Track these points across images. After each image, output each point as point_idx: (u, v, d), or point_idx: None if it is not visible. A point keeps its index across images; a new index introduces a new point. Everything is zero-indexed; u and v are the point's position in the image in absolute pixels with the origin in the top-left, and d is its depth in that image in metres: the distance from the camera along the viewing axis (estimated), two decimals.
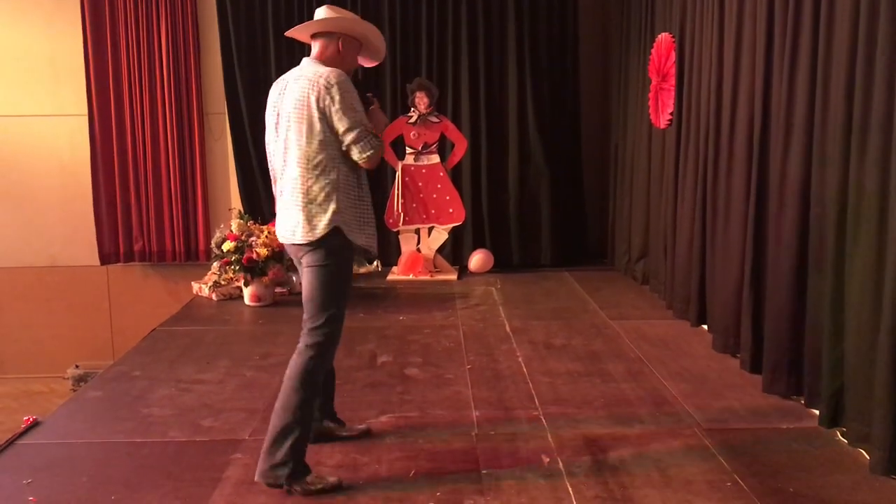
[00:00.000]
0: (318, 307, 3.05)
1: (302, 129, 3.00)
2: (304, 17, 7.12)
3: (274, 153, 3.15)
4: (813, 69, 3.57)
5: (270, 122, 3.15)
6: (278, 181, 3.13)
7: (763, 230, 4.06)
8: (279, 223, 3.14)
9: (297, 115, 3.01)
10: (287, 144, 3.05)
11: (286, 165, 3.06)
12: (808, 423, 3.57)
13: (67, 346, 7.44)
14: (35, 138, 7.39)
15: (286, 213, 3.08)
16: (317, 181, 3.01)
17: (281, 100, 3.10)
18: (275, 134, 3.12)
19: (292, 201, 3.04)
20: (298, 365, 3.03)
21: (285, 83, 3.15)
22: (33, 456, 3.38)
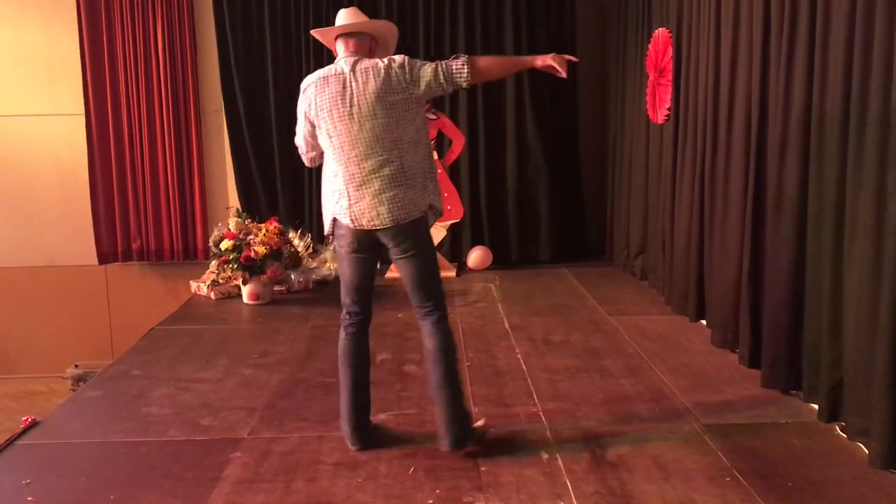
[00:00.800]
0: (433, 285, 3.31)
1: (391, 116, 3.16)
2: (301, 14, 7.14)
3: (341, 146, 3.20)
4: (810, 64, 3.56)
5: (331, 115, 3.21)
6: (352, 171, 3.19)
7: (761, 225, 4.06)
8: (365, 211, 3.19)
9: (382, 104, 3.16)
10: (373, 133, 3.16)
11: (371, 154, 3.17)
12: (807, 418, 3.57)
13: (66, 345, 7.44)
14: (32, 138, 7.38)
15: (377, 199, 3.17)
16: (416, 160, 3.22)
17: (346, 93, 3.19)
18: (346, 124, 3.18)
19: (387, 186, 3.16)
20: (443, 339, 3.28)
21: (342, 77, 3.22)
22: (32, 456, 3.38)
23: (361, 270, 3.35)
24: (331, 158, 3.28)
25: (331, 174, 3.29)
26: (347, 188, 3.21)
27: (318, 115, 3.26)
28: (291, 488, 3.02)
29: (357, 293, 3.38)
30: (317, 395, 4.02)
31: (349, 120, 3.18)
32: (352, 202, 3.20)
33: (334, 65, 3.31)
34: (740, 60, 4.29)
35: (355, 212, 3.20)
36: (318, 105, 3.25)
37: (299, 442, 3.43)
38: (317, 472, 3.15)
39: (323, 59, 7.13)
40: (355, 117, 3.18)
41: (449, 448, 3.22)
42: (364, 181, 3.18)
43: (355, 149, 3.18)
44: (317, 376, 4.29)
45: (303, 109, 3.34)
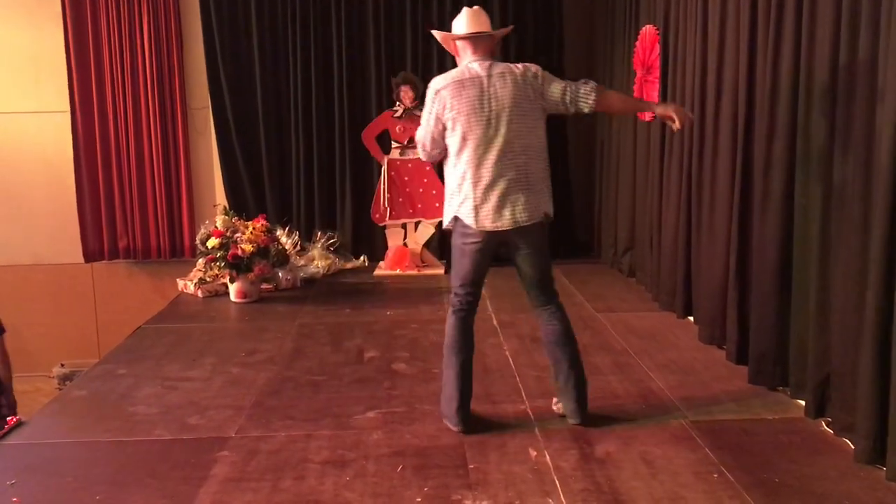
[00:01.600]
0: (551, 274, 3.59)
1: (524, 122, 3.33)
2: (288, 11, 7.10)
3: (475, 148, 3.31)
4: (796, 61, 3.57)
5: (468, 118, 3.31)
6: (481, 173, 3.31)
7: (748, 222, 4.07)
8: (490, 213, 3.32)
9: (518, 111, 3.32)
10: (507, 138, 3.30)
11: (502, 158, 3.30)
12: (793, 414, 3.59)
13: (52, 344, 7.39)
14: (17, 135, 7.32)
15: (512, 198, 3.31)
16: (540, 167, 3.41)
17: (483, 97, 3.31)
18: (483, 128, 3.30)
19: (520, 187, 3.32)
20: (566, 325, 3.54)
21: (481, 80, 3.34)
22: (17, 457, 3.35)
23: (481, 266, 3.50)
24: (461, 160, 3.36)
25: (458, 175, 3.37)
26: (475, 190, 3.33)
27: (455, 118, 3.33)
28: (279, 487, 3.01)
29: (473, 285, 3.52)
30: (305, 393, 4.00)
31: (486, 124, 3.30)
32: (477, 204, 3.32)
33: (465, 67, 3.41)
34: (727, 57, 4.30)
35: (481, 214, 3.33)
36: (453, 107, 3.32)
37: (287, 440, 3.42)
38: (304, 470, 3.14)
39: (311, 56, 7.12)
40: (492, 122, 3.30)
41: (579, 422, 3.46)
42: (492, 184, 3.31)
43: (489, 152, 3.30)
44: (304, 374, 4.28)
45: (435, 111, 3.37)
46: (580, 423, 3.47)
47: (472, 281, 3.50)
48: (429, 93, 3.41)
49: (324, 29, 7.15)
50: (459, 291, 3.52)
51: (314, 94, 7.18)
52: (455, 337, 3.50)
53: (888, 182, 2.88)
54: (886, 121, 2.88)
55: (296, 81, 7.18)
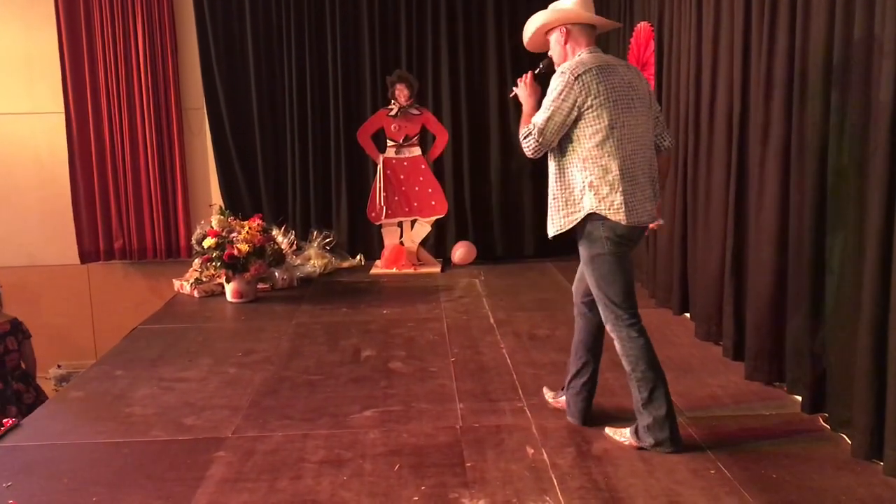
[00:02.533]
0: None
1: (650, 115, 3.24)
2: (283, 11, 7.09)
3: (621, 139, 3.10)
4: (791, 56, 3.58)
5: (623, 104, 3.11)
6: (631, 165, 3.12)
7: (744, 218, 4.07)
8: (645, 203, 3.17)
9: (647, 102, 3.21)
10: (646, 130, 3.20)
11: (641, 148, 3.17)
12: (790, 410, 3.59)
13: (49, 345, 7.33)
14: (11, 137, 7.30)
15: (649, 192, 3.20)
16: (655, 168, 3.26)
17: (630, 86, 3.15)
18: (626, 116, 3.12)
19: (653, 181, 3.22)
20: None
21: (616, 68, 3.16)
22: (13, 458, 3.34)
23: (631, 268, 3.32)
24: (603, 151, 3.09)
25: (599, 168, 3.10)
26: (623, 184, 3.09)
27: (602, 104, 3.06)
28: (276, 487, 3.00)
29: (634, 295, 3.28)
30: (301, 393, 4.00)
31: (629, 113, 3.12)
32: (627, 199, 3.08)
33: (595, 56, 3.17)
34: (721, 53, 4.30)
35: (630, 207, 3.10)
36: (600, 93, 3.06)
37: (284, 440, 3.42)
38: (301, 470, 3.13)
39: (305, 55, 7.11)
40: (633, 112, 3.13)
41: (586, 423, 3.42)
42: (638, 177, 3.13)
43: (633, 142, 3.13)
44: (301, 374, 4.27)
45: (574, 96, 3.06)
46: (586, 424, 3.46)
47: (631, 291, 3.24)
48: (562, 78, 3.09)
49: (318, 27, 7.14)
50: (624, 306, 3.20)
51: (309, 92, 7.17)
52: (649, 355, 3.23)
53: (883, 178, 2.88)
54: (881, 117, 2.88)
55: (290, 80, 7.17)
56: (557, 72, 3.16)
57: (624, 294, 3.20)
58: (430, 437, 3.41)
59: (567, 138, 3.15)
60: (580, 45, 3.21)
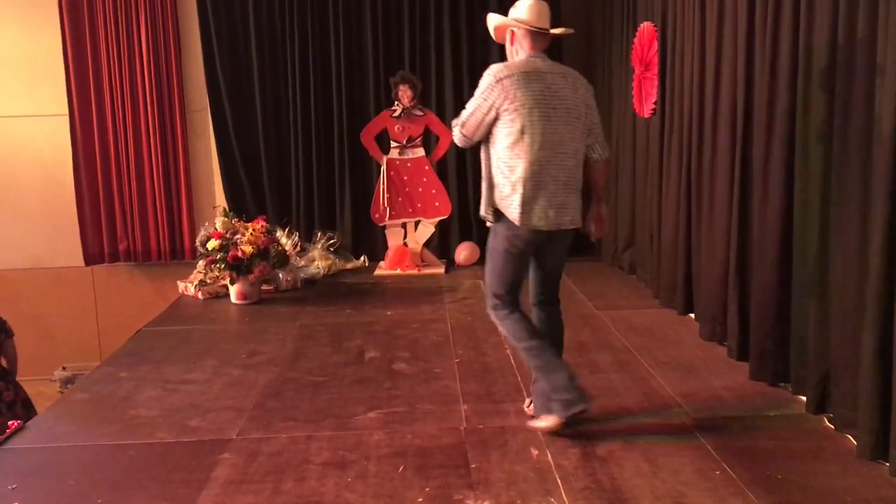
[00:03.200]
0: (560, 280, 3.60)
1: (578, 125, 3.31)
2: (286, 12, 7.09)
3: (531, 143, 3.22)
4: (795, 56, 3.57)
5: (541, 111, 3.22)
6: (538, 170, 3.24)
7: (748, 218, 4.07)
8: (549, 210, 3.27)
9: (576, 112, 3.30)
10: (563, 137, 3.26)
11: (556, 156, 3.26)
12: (795, 410, 3.58)
13: (54, 347, 7.39)
14: (15, 139, 7.31)
15: (562, 200, 3.30)
16: (580, 174, 3.38)
17: (550, 92, 3.24)
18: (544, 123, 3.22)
19: (567, 189, 3.31)
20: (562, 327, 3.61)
21: (545, 76, 3.26)
22: (19, 460, 3.35)
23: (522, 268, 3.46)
24: (514, 153, 3.24)
25: (507, 168, 3.26)
26: (524, 186, 3.23)
27: (518, 109, 3.20)
28: (280, 489, 3.00)
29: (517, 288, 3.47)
30: (305, 394, 4.00)
31: (546, 120, 3.22)
32: (526, 200, 3.24)
33: (528, 60, 3.30)
34: (725, 53, 4.30)
35: (530, 211, 3.26)
36: (516, 98, 3.20)
37: (288, 442, 3.42)
38: (306, 472, 3.13)
39: (309, 56, 7.11)
40: (552, 119, 3.23)
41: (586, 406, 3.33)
42: (544, 183, 3.24)
43: (544, 149, 3.23)
44: (305, 375, 4.27)
45: (493, 99, 3.22)
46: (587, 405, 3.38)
47: (514, 284, 3.41)
48: (486, 79, 3.26)
49: (321, 28, 7.14)
50: (502, 294, 3.41)
51: (313, 94, 7.18)
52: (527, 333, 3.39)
53: (888, 177, 2.88)
54: (886, 116, 2.87)
55: (294, 82, 7.17)
56: (486, 71, 3.31)
57: (507, 288, 3.41)
58: (435, 438, 3.41)
59: (490, 136, 3.32)
60: (523, 49, 3.35)
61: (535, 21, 3.32)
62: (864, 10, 3.01)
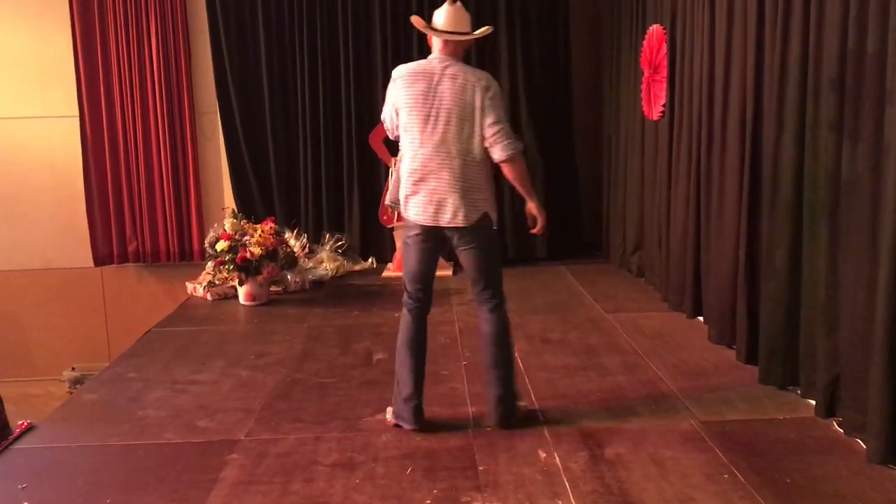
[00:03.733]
0: (493, 275, 3.60)
1: (465, 126, 3.37)
2: (295, 15, 7.11)
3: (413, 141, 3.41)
4: (804, 57, 3.56)
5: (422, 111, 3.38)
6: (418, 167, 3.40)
7: (757, 220, 4.06)
8: (428, 206, 3.40)
9: (460, 114, 3.36)
10: (444, 137, 3.36)
11: (438, 154, 3.38)
12: (804, 414, 3.57)
13: (63, 348, 7.42)
14: (26, 140, 7.34)
15: (442, 198, 3.39)
16: (475, 171, 3.43)
17: (433, 93, 3.37)
18: (425, 124, 3.38)
19: (451, 188, 3.38)
20: (500, 322, 3.59)
21: (432, 77, 3.39)
22: (28, 460, 3.37)
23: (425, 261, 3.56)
24: (403, 149, 3.48)
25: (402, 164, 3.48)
26: (407, 181, 3.43)
27: (401, 108, 3.42)
28: (289, 490, 3.01)
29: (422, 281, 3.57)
30: (314, 395, 4.01)
31: (425, 120, 3.37)
32: (408, 194, 3.43)
33: (426, 61, 3.47)
34: (735, 55, 4.29)
35: (411, 205, 3.43)
36: (401, 97, 3.41)
37: (296, 443, 3.43)
38: (314, 473, 3.14)
39: (317, 58, 7.13)
40: (431, 119, 3.37)
41: (495, 425, 3.49)
42: (422, 179, 3.40)
43: (424, 147, 3.38)
44: (313, 377, 4.28)
45: (391, 96, 3.48)
46: (494, 426, 3.50)
47: (418, 277, 3.53)
48: (391, 79, 3.50)
49: (330, 31, 7.15)
50: (409, 287, 3.56)
51: (321, 96, 7.19)
52: (410, 335, 3.51)
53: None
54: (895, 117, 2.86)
55: (303, 84, 7.18)
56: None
57: (409, 278, 3.54)
58: (443, 440, 3.41)
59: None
60: (434, 51, 3.50)
61: (442, 27, 3.47)
62: (875, 10, 3.00)
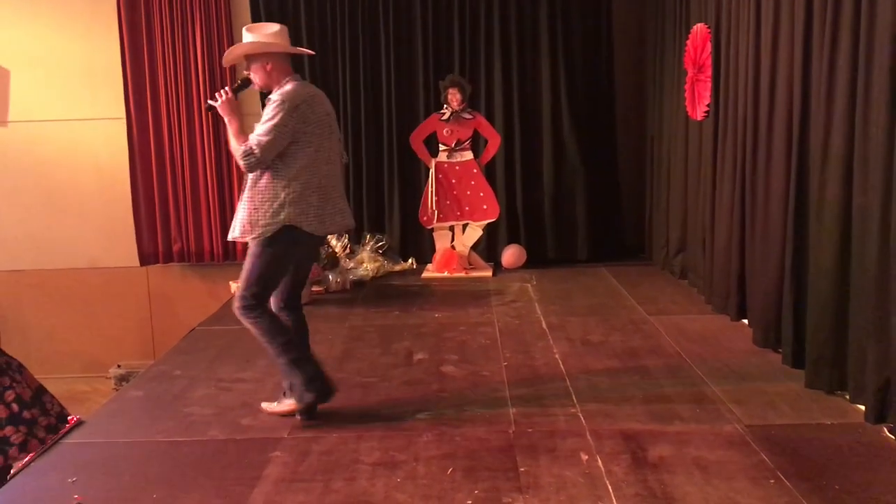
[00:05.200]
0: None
1: (335, 137, 3.70)
2: (337, 17, 7.17)
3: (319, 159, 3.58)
4: (854, 56, 3.48)
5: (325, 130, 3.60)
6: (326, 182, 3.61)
7: (804, 222, 3.98)
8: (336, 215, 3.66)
9: (335, 127, 3.71)
10: (334, 151, 3.67)
11: (334, 169, 3.66)
12: (853, 419, 3.50)
13: (109, 346, 7.55)
14: (74, 142, 7.50)
15: (342, 206, 3.73)
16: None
17: (322, 113, 3.60)
18: (326, 140, 3.61)
19: (343, 196, 3.76)
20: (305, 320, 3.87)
21: (320, 97, 3.66)
22: (77, 455, 3.43)
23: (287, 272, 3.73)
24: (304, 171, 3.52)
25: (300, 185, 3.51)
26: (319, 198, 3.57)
27: (312, 131, 3.51)
28: (331, 487, 3.03)
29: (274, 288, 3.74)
30: (355, 395, 4.03)
31: (329, 137, 3.62)
32: (321, 213, 3.57)
33: (304, 84, 3.62)
34: (781, 55, 4.22)
35: (326, 221, 3.61)
36: (310, 121, 3.51)
37: (338, 441, 3.45)
38: (356, 471, 3.16)
39: (359, 61, 7.18)
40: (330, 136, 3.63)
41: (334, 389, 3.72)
42: (331, 193, 3.63)
43: (328, 164, 3.61)
44: (355, 376, 4.31)
45: (292, 124, 3.46)
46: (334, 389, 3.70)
47: (272, 285, 3.66)
48: (286, 106, 3.44)
49: (372, 32, 7.20)
50: (256, 291, 3.59)
51: (363, 97, 7.24)
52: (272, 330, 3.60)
53: None
54: None
55: (344, 86, 7.24)
56: (276, 99, 3.48)
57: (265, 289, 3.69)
58: (484, 441, 3.41)
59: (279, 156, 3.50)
60: (285, 73, 3.60)
61: (287, 43, 3.66)
62: None
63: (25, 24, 7.35)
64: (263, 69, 3.59)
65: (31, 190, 7.50)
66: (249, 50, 3.63)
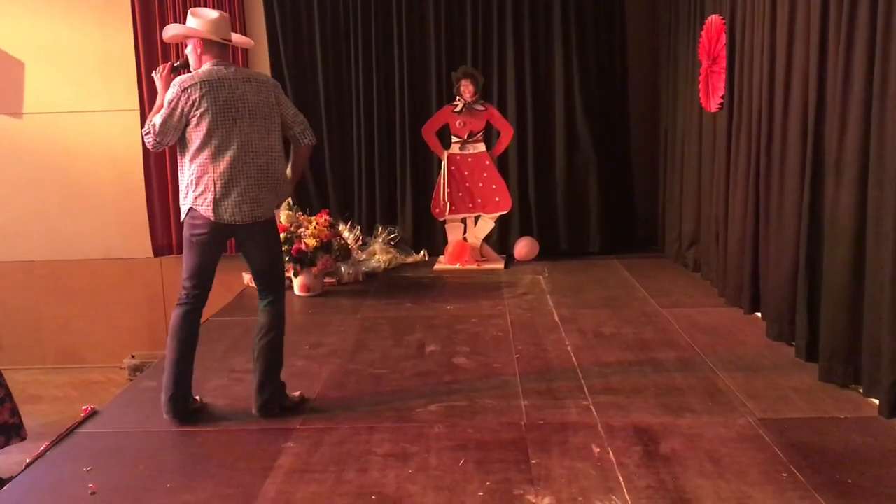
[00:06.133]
0: (279, 274, 3.97)
1: (267, 123, 3.60)
2: (350, 7, 7.16)
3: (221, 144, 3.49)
4: (871, 47, 3.45)
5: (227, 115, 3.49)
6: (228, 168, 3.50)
7: (819, 215, 3.96)
8: (243, 203, 3.53)
9: (262, 112, 3.58)
10: (251, 136, 3.54)
11: (245, 155, 3.52)
12: (867, 413, 3.48)
13: (124, 336, 7.61)
14: (89, 133, 7.54)
15: (255, 195, 3.56)
16: (281, 168, 3.68)
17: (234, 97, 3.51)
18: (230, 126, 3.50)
19: (260, 185, 3.57)
20: (272, 320, 3.93)
21: (229, 83, 3.52)
22: (92, 444, 3.46)
23: (209, 259, 3.72)
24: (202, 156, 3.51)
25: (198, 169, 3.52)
26: (216, 185, 3.50)
27: (202, 115, 3.46)
28: (343, 478, 3.04)
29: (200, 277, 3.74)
30: (367, 386, 4.05)
31: (232, 123, 3.50)
32: (217, 198, 3.50)
33: (212, 69, 3.53)
34: (797, 46, 4.19)
35: (220, 208, 3.52)
36: (201, 105, 3.46)
37: (350, 432, 3.46)
38: (368, 462, 3.17)
39: (371, 52, 7.18)
40: (237, 122, 3.50)
41: (254, 411, 3.67)
42: (233, 180, 3.51)
43: (230, 150, 3.49)
44: (367, 367, 4.32)
45: (181, 106, 3.47)
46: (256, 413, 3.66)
47: (199, 273, 3.66)
48: (174, 88, 3.47)
49: (385, 24, 7.19)
50: (186, 284, 3.68)
51: (375, 90, 7.24)
52: (175, 329, 3.66)
53: None
54: None
55: (357, 78, 7.24)
56: (175, 81, 3.52)
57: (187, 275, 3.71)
58: (495, 432, 3.41)
59: (182, 138, 3.53)
60: (208, 58, 3.58)
61: (220, 35, 3.58)
62: None
63: (40, 16, 7.39)
64: (194, 52, 3.61)
65: (45, 181, 7.56)
66: (176, 33, 3.73)
